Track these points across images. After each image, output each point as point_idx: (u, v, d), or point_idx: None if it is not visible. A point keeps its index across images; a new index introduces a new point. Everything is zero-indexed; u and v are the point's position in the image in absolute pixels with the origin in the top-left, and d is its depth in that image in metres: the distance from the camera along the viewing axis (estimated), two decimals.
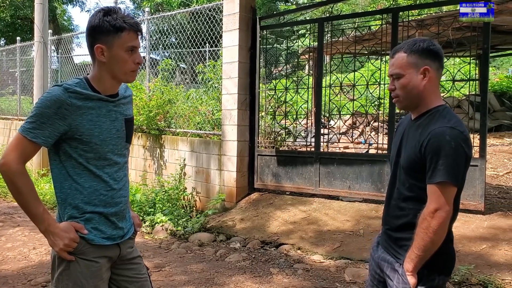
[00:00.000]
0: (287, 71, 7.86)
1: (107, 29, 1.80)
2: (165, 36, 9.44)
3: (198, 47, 9.58)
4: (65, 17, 27.48)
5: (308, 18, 8.73)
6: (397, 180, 1.97)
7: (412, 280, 1.82)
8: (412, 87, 1.88)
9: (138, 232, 2.20)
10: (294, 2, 21.68)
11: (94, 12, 1.86)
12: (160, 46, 9.70)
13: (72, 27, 28.15)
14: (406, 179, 1.91)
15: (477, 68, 11.43)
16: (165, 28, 8.81)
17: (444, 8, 10.60)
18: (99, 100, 1.89)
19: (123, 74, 1.90)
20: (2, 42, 22.82)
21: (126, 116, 2.03)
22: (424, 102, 1.91)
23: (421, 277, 1.83)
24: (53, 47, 11.33)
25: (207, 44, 9.48)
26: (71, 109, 1.80)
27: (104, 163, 1.92)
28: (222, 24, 6.84)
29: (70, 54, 12.14)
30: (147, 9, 9.12)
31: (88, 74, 1.96)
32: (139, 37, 1.88)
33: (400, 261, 1.90)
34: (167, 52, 10.41)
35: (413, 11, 6.19)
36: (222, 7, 6.84)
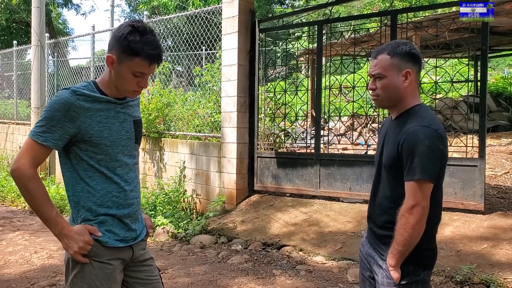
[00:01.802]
0: (286, 73, 7.90)
1: (123, 47, 1.80)
2: (161, 39, 9.44)
3: (195, 50, 9.59)
4: (60, 21, 27.39)
5: (304, 20, 8.76)
6: (381, 179, 2.04)
7: (395, 274, 1.88)
8: (393, 88, 1.95)
9: (149, 234, 2.20)
10: (290, 5, 21.76)
11: (126, 22, 1.86)
12: None
13: (67, 30, 28.01)
14: (388, 178, 1.98)
15: (473, 69, 11.53)
16: (162, 31, 8.82)
17: (439, 10, 10.69)
18: (107, 102, 1.91)
19: (123, 90, 1.92)
20: None
21: (135, 117, 2.04)
22: (403, 102, 1.98)
23: (406, 272, 1.89)
24: (49, 51, 11.29)
25: (204, 47, 9.49)
26: (80, 111, 1.82)
27: (115, 165, 1.93)
28: (220, 27, 6.87)
29: (66, 57, 12.12)
30: (145, 13, 9.14)
31: (96, 78, 1.98)
32: (155, 66, 1.87)
33: (384, 257, 1.96)
34: (163, 55, 10.39)
35: (410, 13, 6.23)
36: (219, 10, 6.87)
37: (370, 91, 2.05)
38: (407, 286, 1.89)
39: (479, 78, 5.39)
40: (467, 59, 7.91)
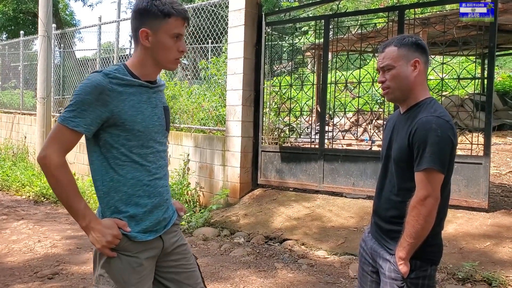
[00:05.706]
0: (291, 67, 7.88)
1: (154, 13, 1.76)
2: None
3: (201, 43, 9.58)
4: (67, 12, 27.42)
5: (311, 15, 8.73)
6: (388, 173, 2.03)
7: (404, 268, 1.87)
8: (403, 77, 1.94)
9: (182, 217, 2.10)
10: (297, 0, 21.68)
11: None
12: None
13: (74, 21, 28.07)
14: (397, 171, 1.96)
15: (479, 67, 11.46)
16: None
17: (447, 7, 10.62)
18: (140, 86, 1.83)
19: (166, 61, 1.85)
20: (4, 36, 22.79)
21: (164, 104, 1.96)
22: (412, 94, 1.97)
23: (413, 267, 1.88)
24: (55, 42, 11.31)
25: (210, 40, 9.48)
26: (113, 95, 1.74)
27: (147, 152, 1.85)
28: (226, 20, 6.85)
29: (72, 49, 12.14)
30: None
31: (124, 62, 1.90)
32: (185, 25, 1.83)
33: (392, 251, 1.94)
34: None
35: (417, 9, 6.18)
36: (226, 3, 6.86)
37: (380, 84, 2.03)
38: (414, 280, 1.89)
39: (486, 76, 5.36)
40: (474, 57, 7.87)
